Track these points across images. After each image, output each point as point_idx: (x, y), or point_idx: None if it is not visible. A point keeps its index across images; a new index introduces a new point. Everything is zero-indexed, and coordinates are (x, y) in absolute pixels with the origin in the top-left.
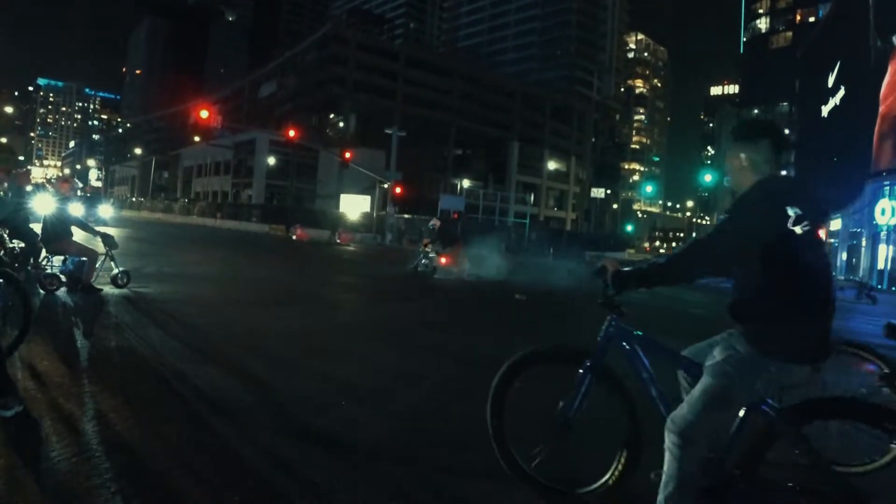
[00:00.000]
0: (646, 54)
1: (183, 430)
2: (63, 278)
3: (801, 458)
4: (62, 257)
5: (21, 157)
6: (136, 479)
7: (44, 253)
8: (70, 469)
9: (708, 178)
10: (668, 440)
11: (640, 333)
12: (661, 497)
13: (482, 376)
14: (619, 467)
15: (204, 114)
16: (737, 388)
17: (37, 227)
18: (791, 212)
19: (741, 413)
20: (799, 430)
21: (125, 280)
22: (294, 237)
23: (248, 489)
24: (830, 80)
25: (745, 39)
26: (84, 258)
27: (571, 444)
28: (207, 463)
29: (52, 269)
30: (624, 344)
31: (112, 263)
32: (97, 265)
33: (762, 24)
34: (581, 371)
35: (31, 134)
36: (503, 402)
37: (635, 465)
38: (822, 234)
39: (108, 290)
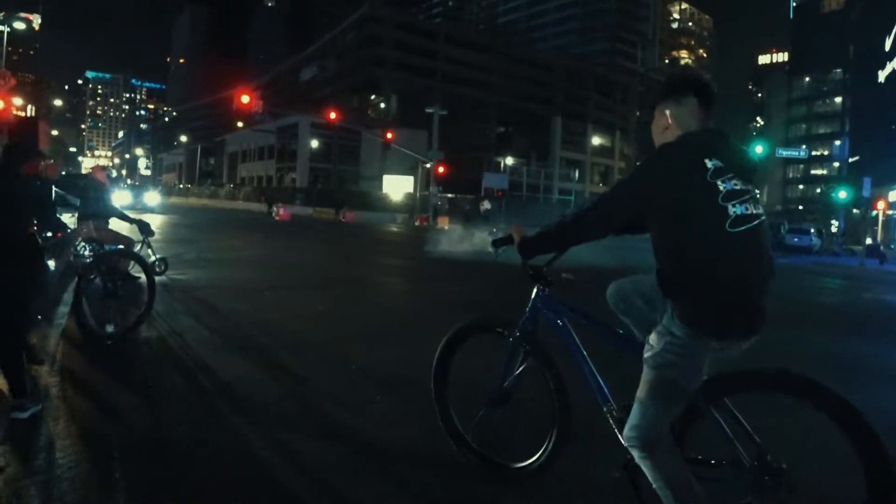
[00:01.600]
0: (690, 24)
1: (203, 431)
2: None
3: (724, 433)
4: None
5: (73, 149)
6: (149, 485)
7: (79, 241)
8: (77, 476)
9: (759, 149)
10: (634, 454)
11: (569, 306)
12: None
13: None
14: (550, 445)
15: (245, 99)
16: (685, 376)
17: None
18: (710, 164)
19: None
20: (718, 405)
21: (163, 267)
22: (343, 219)
23: (265, 494)
24: (888, 44)
25: (794, 3)
26: (120, 246)
27: (508, 417)
28: (227, 466)
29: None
30: (552, 317)
31: (149, 251)
32: None
33: None
34: (510, 342)
35: (82, 126)
36: (446, 371)
37: (564, 442)
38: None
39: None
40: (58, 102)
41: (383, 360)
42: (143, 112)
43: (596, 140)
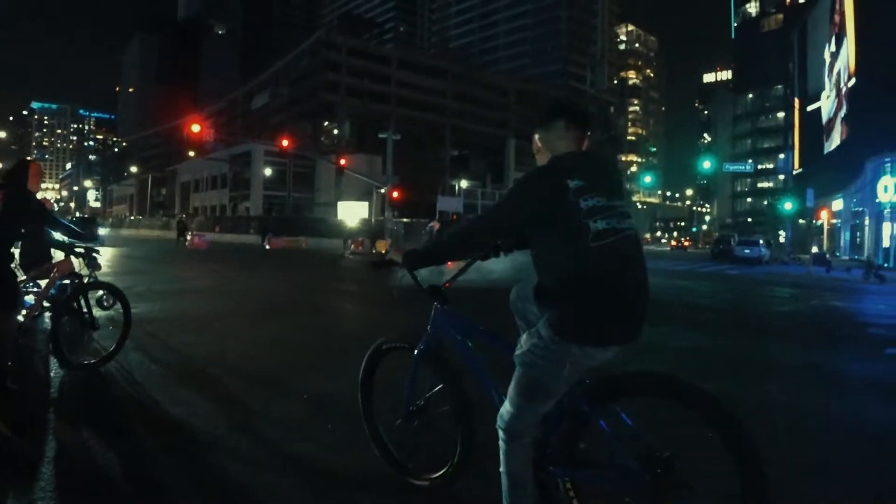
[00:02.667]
0: (637, 45)
1: (152, 468)
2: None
3: (614, 436)
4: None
5: None
6: None
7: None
8: None
9: (707, 164)
10: (499, 436)
11: (466, 322)
12: (503, 494)
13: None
14: (457, 456)
15: (195, 128)
16: (546, 376)
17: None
18: (572, 184)
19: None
20: (604, 409)
21: (111, 301)
22: (267, 247)
23: None
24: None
25: (735, 24)
26: (66, 281)
27: (422, 430)
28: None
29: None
30: (452, 332)
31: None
32: None
33: (752, 7)
34: (413, 359)
35: (28, 158)
36: (371, 384)
37: (470, 452)
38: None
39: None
40: (1, 134)
41: (335, 388)
42: (91, 143)
43: None
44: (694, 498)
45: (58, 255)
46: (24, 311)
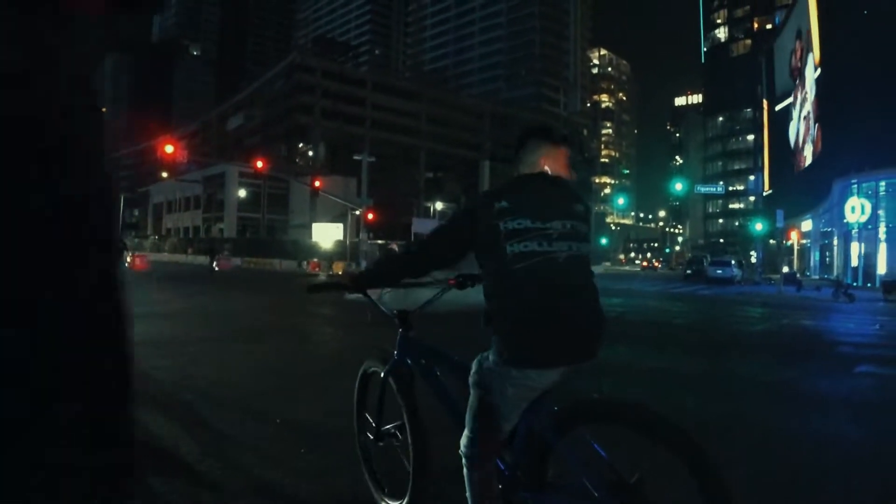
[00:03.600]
0: (609, 69)
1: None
2: None
3: (581, 462)
4: None
5: None
6: None
7: None
8: None
9: (679, 186)
10: (462, 462)
11: (430, 348)
12: None
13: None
14: (410, 485)
15: (169, 149)
16: (494, 398)
17: None
18: (497, 205)
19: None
20: (572, 434)
21: None
22: (216, 268)
23: None
24: (778, 82)
25: (705, 49)
26: None
27: (393, 453)
28: None
29: None
30: (416, 357)
31: None
32: None
33: (721, 33)
34: (381, 380)
35: None
36: (364, 404)
37: (420, 485)
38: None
39: None
40: None
41: (308, 412)
42: None
43: None
44: None
45: None
46: None
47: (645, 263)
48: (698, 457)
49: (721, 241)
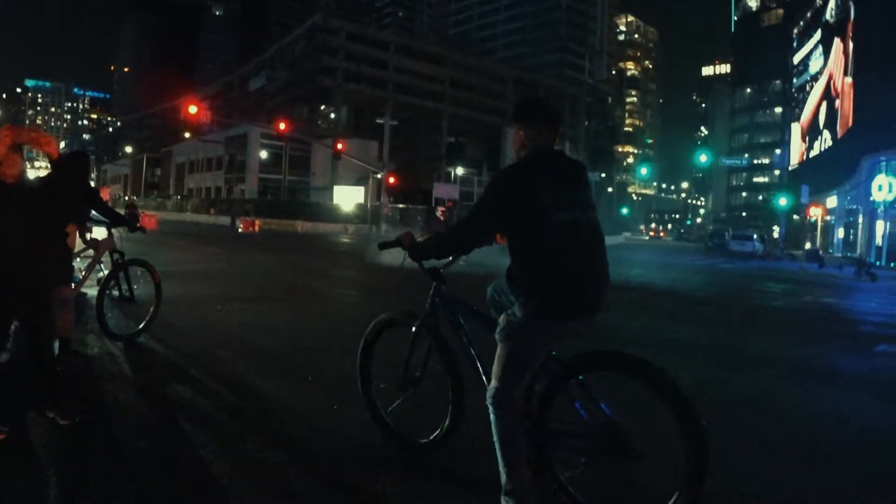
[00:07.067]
0: (636, 36)
1: (161, 445)
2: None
3: (581, 406)
4: None
5: None
6: (109, 498)
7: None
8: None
9: (703, 158)
10: (489, 410)
11: (459, 302)
12: (498, 457)
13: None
14: (448, 421)
15: (193, 109)
16: (522, 349)
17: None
18: (540, 179)
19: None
20: (574, 381)
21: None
22: (240, 229)
23: None
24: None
25: (735, 18)
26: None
27: (417, 397)
28: (186, 480)
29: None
30: (447, 312)
31: (100, 265)
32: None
33: (753, 1)
34: (412, 333)
35: (82, 150)
36: (369, 358)
37: (459, 419)
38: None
39: (92, 292)
40: None
41: (339, 370)
42: (86, 122)
43: None
44: (645, 467)
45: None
46: (72, 285)
47: (651, 233)
48: (671, 389)
49: (744, 214)
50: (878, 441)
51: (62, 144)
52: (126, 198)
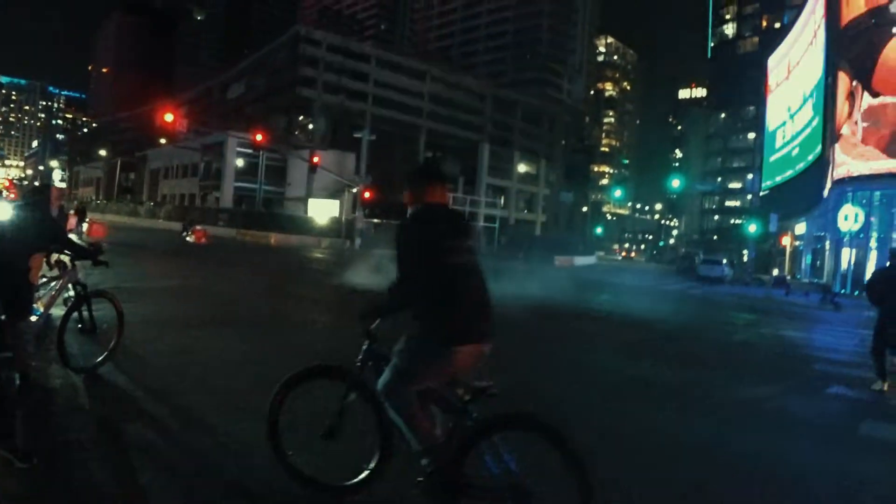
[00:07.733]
0: (615, 57)
1: (113, 485)
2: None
3: (490, 464)
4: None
5: None
6: None
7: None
8: None
9: (676, 183)
10: (385, 404)
11: (387, 357)
12: (408, 438)
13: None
14: (373, 465)
15: (168, 117)
16: (412, 364)
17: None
18: (436, 228)
19: (450, 424)
20: (485, 441)
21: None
22: (190, 239)
23: None
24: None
25: (712, 44)
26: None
27: (338, 445)
28: None
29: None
30: (378, 365)
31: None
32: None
33: (729, 29)
34: (342, 385)
35: (48, 183)
36: (280, 408)
37: (385, 465)
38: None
39: (57, 311)
40: None
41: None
42: (60, 121)
43: (522, 167)
44: None
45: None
46: (32, 318)
47: (623, 254)
48: (563, 444)
49: (716, 237)
50: (815, 490)
51: (35, 144)
52: (75, 202)
